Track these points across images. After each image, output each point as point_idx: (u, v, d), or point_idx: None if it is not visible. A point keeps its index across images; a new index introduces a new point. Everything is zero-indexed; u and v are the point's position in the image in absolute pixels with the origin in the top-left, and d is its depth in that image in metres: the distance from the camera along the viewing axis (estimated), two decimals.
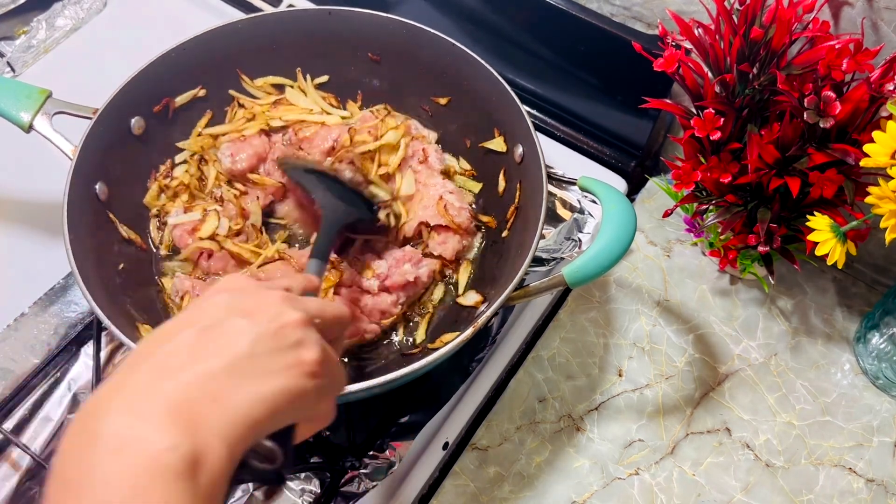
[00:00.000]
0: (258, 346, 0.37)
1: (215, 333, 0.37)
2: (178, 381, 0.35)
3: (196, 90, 0.79)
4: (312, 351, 0.39)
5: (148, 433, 0.32)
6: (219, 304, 0.40)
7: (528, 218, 0.71)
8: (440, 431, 0.71)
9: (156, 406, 0.33)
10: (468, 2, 0.88)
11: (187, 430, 0.33)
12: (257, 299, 0.40)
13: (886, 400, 0.75)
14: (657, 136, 0.86)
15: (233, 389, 0.35)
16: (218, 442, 0.33)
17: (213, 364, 0.36)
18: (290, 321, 0.40)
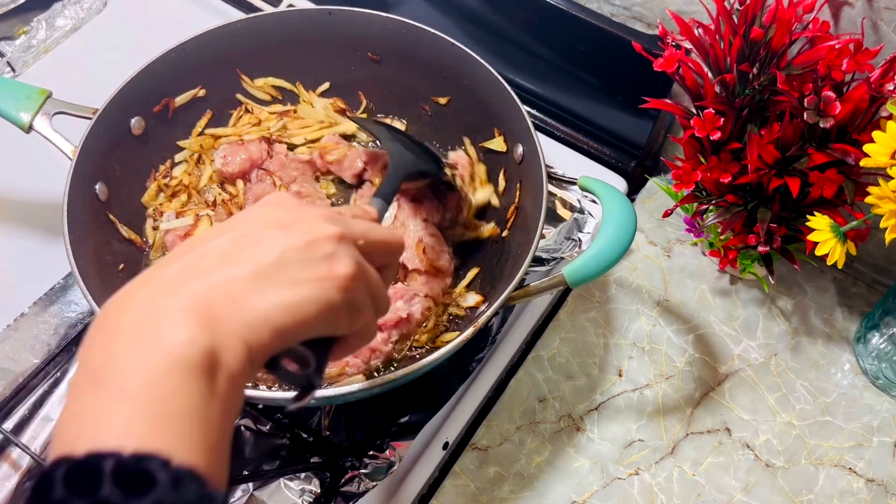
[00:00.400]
0: (287, 256, 0.38)
1: (247, 242, 0.38)
2: (203, 282, 0.35)
3: (196, 90, 0.79)
4: (345, 265, 0.39)
5: (167, 326, 0.33)
6: (258, 216, 0.40)
7: (528, 217, 0.71)
8: (440, 431, 0.71)
9: (178, 303, 0.34)
10: (468, 2, 0.88)
11: (206, 327, 0.33)
12: (298, 214, 0.40)
13: (886, 400, 0.75)
14: (657, 136, 0.86)
15: (255, 294, 0.36)
16: (237, 342, 0.34)
17: (239, 270, 0.36)
18: (325, 234, 0.39)
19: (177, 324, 0.33)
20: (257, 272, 0.36)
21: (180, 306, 0.34)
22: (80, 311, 0.76)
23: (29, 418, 0.70)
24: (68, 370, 0.73)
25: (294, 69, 0.83)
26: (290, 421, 0.71)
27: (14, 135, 0.70)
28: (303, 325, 0.37)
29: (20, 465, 0.68)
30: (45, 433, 0.70)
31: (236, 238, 0.38)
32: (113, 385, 0.31)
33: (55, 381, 0.72)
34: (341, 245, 0.40)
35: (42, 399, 0.71)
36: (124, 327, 0.33)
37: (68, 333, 0.74)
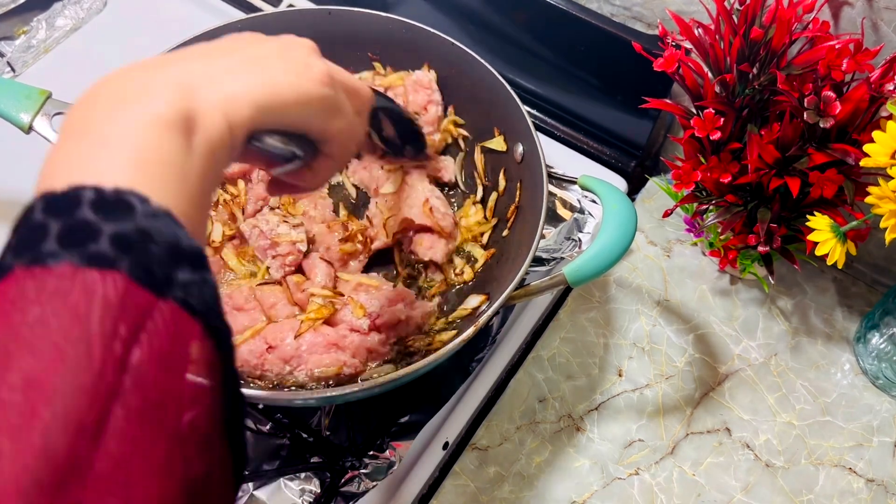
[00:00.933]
0: (269, 51, 0.41)
1: (229, 42, 0.41)
2: (185, 65, 0.37)
3: None
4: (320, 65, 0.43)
5: (149, 92, 0.35)
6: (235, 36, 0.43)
7: (528, 217, 0.71)
8: (440, 431, 0.71)
9: (160, 78, 0.36)
10: (468, 2, 0.88)
11: (184, 95, 0.35)
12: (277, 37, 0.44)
13: (886, 400, 0.75)
14: (657, 136, 0.86)
15: (233, 74, 0.38)
16: (214, 111, 0.36)
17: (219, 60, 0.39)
18: (301, 43, 0.43)
19: (157, 90, 0.35)
20: (237, 61, 0.39)
21: (163, 79, 0.36)
22: None
23: None
24: None
25: None
26: (290, 421, 0.71)
27: (14, 136, 0.70)
28: (281, 105, 0.40)
29: None
30: None
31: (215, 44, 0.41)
32: (95, 134, 0.33)
33: None
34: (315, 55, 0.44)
35: None
36: (110, 92, 0.35)
37: None
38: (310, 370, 0.64)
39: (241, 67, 0.39)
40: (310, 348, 0.65)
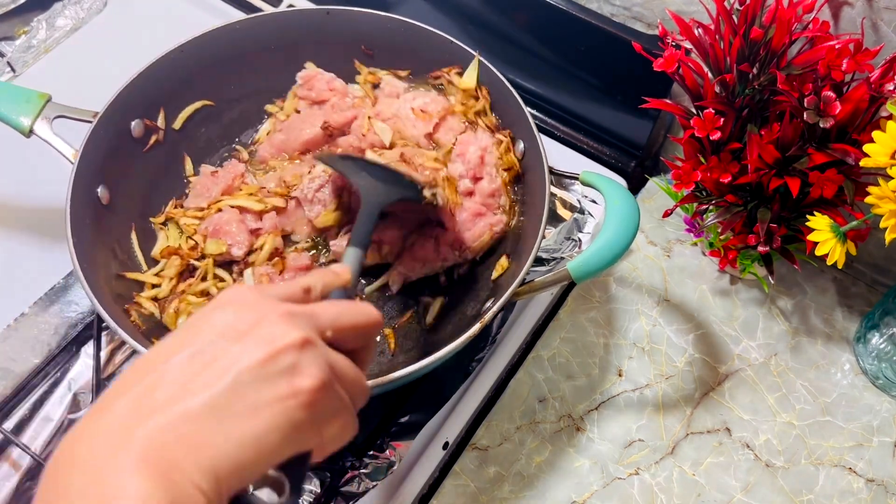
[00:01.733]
0: (244, 377, 0.34)
1: (201, 362, 0.34)
2: (154, 424, 0.32)
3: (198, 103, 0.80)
4: (308, 377, 0.35)
5: (117, 490, 0.30)
6: (213, 325, 0.36)
7: (529, 216, 0.71)
8: (440, 431, 0.71)
9: (128, 455, 0.31)
10: (468, 2, 0.88)
11: (159, 485, 0.30)
12: (256, 316, 0.36)
13: (886, 400, 0.75)
14: (657, 136, 0.86)
15: (211, 432, 0.32)
16: (196, 493, 0.31)
17: (192, 403, 0.33)
18: (286, 344, 0.35)
19: (129, 484, 0.30)
20: (213, 403, 0.33)
21: (130, 461, 0.30)
22: (81, 310, 0.76)
23: (29, 418, 0.70)
24: (69, 370, 0.73)
25: (295, 69, 0.83)
26: None
27: (15, 139, 0.70)
28: (267, 457, 0.34)
29: (20, 465, 0.68)
30: (45, 433, 0.70)
31: (189, 357, 0.34)
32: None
33: (55, 381, 0.72)
34: (304, 352, 0.36)
35: (42, 399, 0.71)
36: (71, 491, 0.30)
37: (69, 333, 0.74)
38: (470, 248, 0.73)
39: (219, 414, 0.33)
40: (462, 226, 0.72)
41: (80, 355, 0.74)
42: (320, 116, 0.80)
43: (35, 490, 0.64)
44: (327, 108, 0.80)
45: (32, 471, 0.68)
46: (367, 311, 0.42)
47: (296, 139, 0.80)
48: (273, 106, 0.84)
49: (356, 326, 0.40)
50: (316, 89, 0.81)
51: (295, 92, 0.83)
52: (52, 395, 0.72)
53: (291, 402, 0.34)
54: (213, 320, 0.36)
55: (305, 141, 0.79)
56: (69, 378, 0.72)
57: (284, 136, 0.80)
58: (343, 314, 0.40)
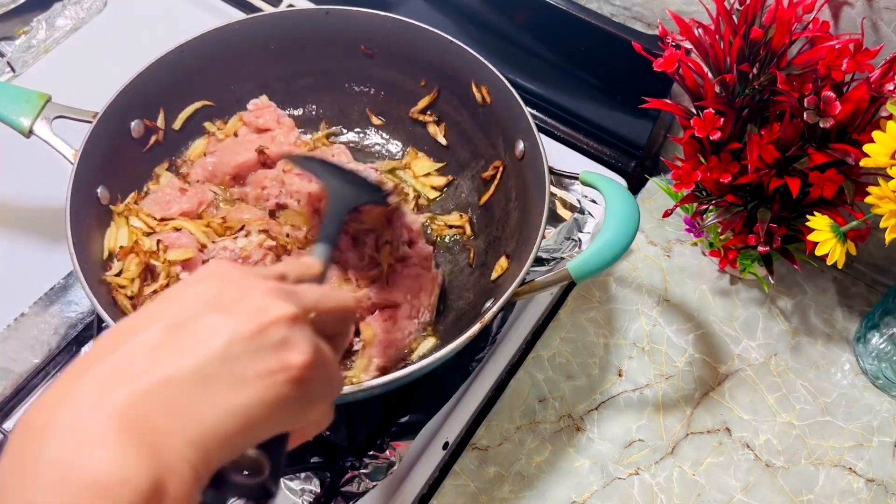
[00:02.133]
0: (233, 348, 0.32)
1: (185, 331, 0.32)
2: (134, 389, 0.30)
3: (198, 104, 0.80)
4: (300, 353, 0.34)
5: (95, 460, 0.27)
6: (195, 295, 0.34)
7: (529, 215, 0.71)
8: (440, 431, 0.71)
9: (106, 423, 0.28)
10: (468, 2, 0.88)
11: (142, 454, 0.28)
12: (241, 289, 0.35)
13: (886, 400, 0.75)
14: (657, 136, 0.86)
15: (198, 400, 0.30)
16: (181, 464, 0.29)
17: (176, 369, 0.31)
18: (276, 316, 0.34)
19: (106, 457, 0.27)
20: (198, 372, 0.31)
21: (109, 430, 0.28)
22: (81, 311, 0.76)
23: None
24: None
25: (294, 69, 0.83)
26: None
27: (15, 139, 0.70)
28: (253, 429, 0.32)
29: None
30: None
31: (171, 326, 0.32)
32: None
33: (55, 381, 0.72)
34: (295, 327, 0.35)
35: None
36: (43, 462, 0.27)
37: (69, 333, 0.74)
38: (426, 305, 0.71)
39: (207, 382, 0.31)
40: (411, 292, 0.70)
41: (80, 355, 0.74)
42: (257, 143, 0.78)
43: None
44: (267, 136, 0.79)
45: None
46: (347, 297, 0.42)
47: (228, 163, 0.77)
48: (211, 124, 0.82)
49: (337, 310, 0.40)
50: (263, 118, 0.80)
51: (241, 116, 0.81)
52: None
53: (281, 377, 0.33)
54: (194, 291, 0.35)
55: (238, 164, 0.77)
56: None
57: (217, 159, 0.78)
58: (325, 297, 0.39)
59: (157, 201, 0.75)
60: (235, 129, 0.81)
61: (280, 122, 0.81)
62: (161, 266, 0.69)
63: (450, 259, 0.79)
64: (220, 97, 0.81)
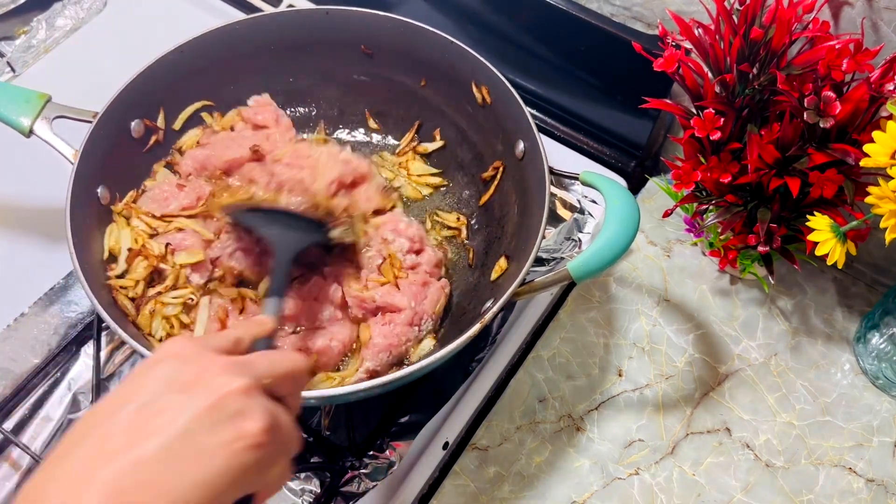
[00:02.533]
0: (194, 424, 0.36)
1: (150, 412, 0.36)
2: (113, 469, 0.34)
3: (199, 104, 0.80)
4: (255, 421, 0.37)
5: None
6: (157, 377, 0.38)
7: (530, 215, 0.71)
8: (440, 431, 0.71)
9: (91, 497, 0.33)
10: (468, 2, 0.88)
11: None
12: (198, 368, 0.38)
13: (886, 400, 0.75)
14: (657, 136, 0.86)
15: (165, 476, 0.34)
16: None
17: (146, 448, 0.34)
18: (230, 390, 0.37)
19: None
20: (164, 449, 0.35)
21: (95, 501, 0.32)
22: (81, 311, 0.76)
23: (29, 418, 0.70)
24: (68, 370, 0.73)
25: (293, 69, 0.83)
26: None
27: (15, 139, 0.70)
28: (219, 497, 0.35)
29: (20, 465, 0.68)
30: (45, 433, 0.70)
31: (139, 408, 0.36)
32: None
33: (55, 381, 0.72)
34: (249, 398, 0.38)
35: (42, 399, 0.71)
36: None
37: (68, 333, 0.74)
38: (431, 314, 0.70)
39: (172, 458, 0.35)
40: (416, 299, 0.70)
41: (80, 355, 0.74)
42: (252, 140, 0.78)
43: None
44: (262, 135, 0.79)
45: (32, 471, 0.68)
46: (297, 359, 0.44)
47: (220, 157, 0.77)
48: (209, 115, 0.81)
49: (289, 374, 0.43)
50: (262, 115, 0.80)
51: (240, 111, 0.81)
52: (52, 396, 0.72)
53: (239, 445, 0.36)
54: (156, 373, 0.38)
55: (229, 160, 0.77)
56: (69, 378, 0.72)
57: (209, 151, 0.78)
58: (277, 362, 0.42)
59: (154, 199, 0.74)
60: (232, 122, 0.81)
61: (278, 121, 0.81)
62: (171, 270, 0.70)
63: (449, 258, 0.79)
64: (220, 97, 0.81)
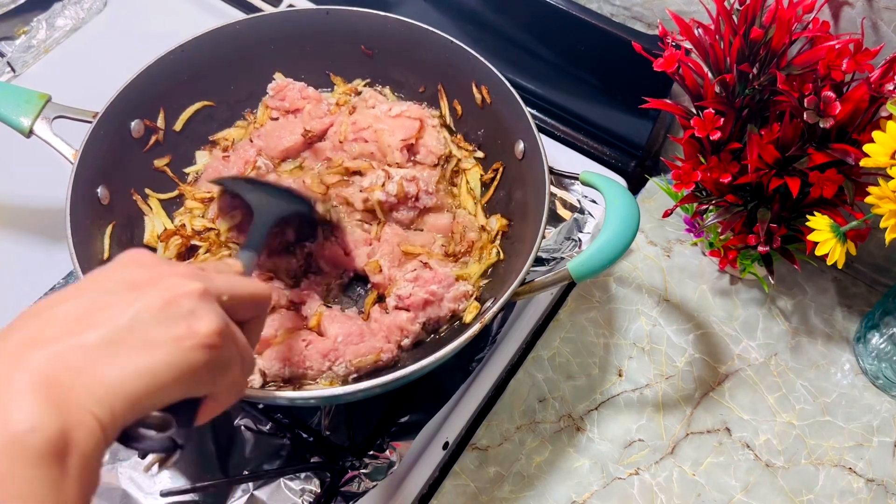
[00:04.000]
0: (142, 316, 0.35)
1: (98, 305, 0.35)
2: (49, 351, 0.33)
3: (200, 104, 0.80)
4: (207, 322, 0.37)
5: (11, 409, 0.30)
6: (109, 277, 0.37)
7: (530, 215, 0.71)
8: (440, 431, 0.71)
9: (21, 379, 0.31)
10: (467, 2, 0.88)
11: (53, 408, 0.31)
12: (154, 272, 0.38)
13: (886, 400, 0.75)
14: (657, 136, 0.86)
15: (105, 362, 0.33)
16: (89, 419, 0.32)
17: (88, 336, 0.34)
18: (185, 291, 0.37)
19: (21, 406, 0.30)
20: (108, 338, 0.34)
21: (23, 385, 0.31)
22: None
23: None
24: None
25: (294, 69, 0.83)
26: (290, 421, 0.71)
27: (15, 139, 0.70)
28: (160, 390, 0.34)
29: None
30: None
31: (85, 302, 0.35)
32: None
33: None
34: (203, 301, 0.38)
35: None
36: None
37: None
38: (348, 361, 0.66)
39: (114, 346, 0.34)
40: (345, 340, 0.67)
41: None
42: (298, 124, 0.80)
43: None
44: (304, 115, 0.81)
45: None
46: (260, 285, 0.44)
47: (275, 147, 0.80)
48: (251, 114, 0.84)
49: (250, 296, 0.42)
50: (289, 99, 0.81)
51: (266, 102, 0.83)
52: None
53: (187, 343, 0.36)
54: (109, 274, 0.38)
55: (285, 148, 0.80)
56: None
57: (263, 143, 0.80)
58: (236, 282, 0.42)
59: (208, 177, 0.78)
60: (268, 115, 0.83)
61: (304, 95, 0.82)
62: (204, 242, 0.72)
63: None
64: (221, 97, 0.81)
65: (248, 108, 0.84)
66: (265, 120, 0.82)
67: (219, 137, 0.82)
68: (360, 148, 0.78)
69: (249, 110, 0.84)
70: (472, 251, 0.76)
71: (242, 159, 0.79)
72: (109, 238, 0.70)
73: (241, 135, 0.83)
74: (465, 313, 0.71)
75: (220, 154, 0.80)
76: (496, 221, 0.76)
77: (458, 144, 0.81)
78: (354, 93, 0.84)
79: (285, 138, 0.80)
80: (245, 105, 0.83)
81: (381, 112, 0.80)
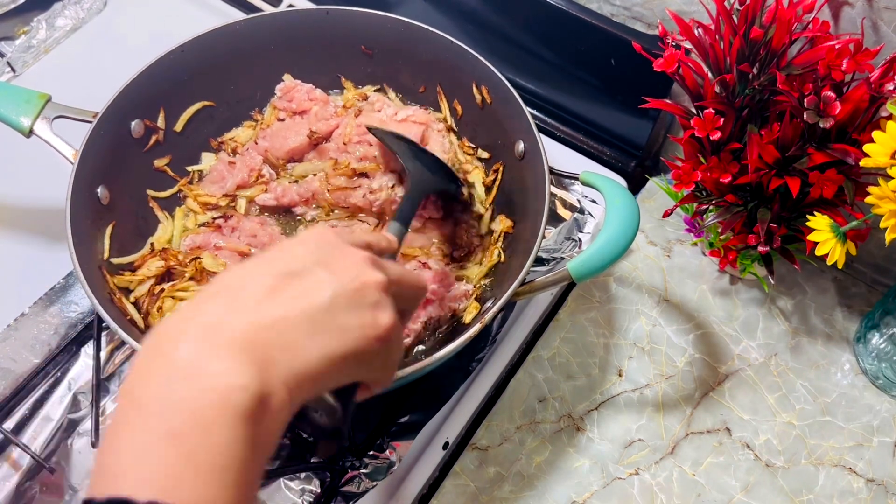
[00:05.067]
0: (337, 301, 0.37)
1: (297, 280, 0.37)
2: (254, 318, 0.34)
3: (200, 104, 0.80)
4: (388, 315, 0.39)
5: (221, 367, 0.32)
6: (305, 253, 0.39)
7: (530, 215, 0.71)
8: (440, 431, 0.71)
9: (230, 339, 0.33)
10: (467, 2, 0.88)
11: (259, 372, 0.33)
12: (343, 255, 0.40)
13: (886, 400, 0.75)
14: (657, 136, 0.86)
15: (306, 340, 0.35)
16: (282, 388, 0.33)
17: (290, 310, 0.35)
18: (372, 281, 0.39)
19: (230, 366, 0.32)
20: (308, 316, 0.36)
21: (232, 345, 0.33)
22: (81, 311, 0.76)
23: (29, 418, 0.70)
24: (69, 370, 0.73)
25: (294, 69, 0.83)
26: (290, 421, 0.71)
27: (15, 139, 0.70)
28: (339, 374, 0.37)
29: (20, 465, 0.68)
30: (45, 433, 0.70)
31: (285, 274, 0.37)
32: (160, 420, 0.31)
33: (55, 381, 0.72)
34: (384, 294, 0.40)
35: (42, 399, 0.71)
36: (176, 361, 0.32)
37: (68, 333, 0.74)
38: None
39: (315, 326, 0.36)
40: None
41: (80, 355, 0.74)
42: (304, 125, 0.81)
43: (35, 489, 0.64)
44: (311, 117, 0.81)
45: (32, 471, 0.68)
46: (422, 278, 0.47)
47: (280, 147, 0.80)
48: (259, 114, 0.85)
49: (412, 288, 0.45)
50: (296, 100, 0.82)
51: (274, 104, 0.83)
52: (52, 395, 0.72)
53: (371, 332, 0.38)
54: (303, 249, 0.40)
55: (291, 149, 0.80)
56: (69, 378, 0.72)
57: (269, 143, 0.81)
58: (406, 273, 0.44)
59: (213, 180, 0.79)
60: (275, 116, 0.83)
61: (312, 97, 0.82)
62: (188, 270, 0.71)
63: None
64: (221, 97, 0.81)
65: (248, 107, 0.84)
66: (272, 121, 0.83)
67: (226, 139, 0.82)
68: (365, 150, 0.79)
69: (257, 110, 0.84)
70: (473, 254, 0.76)
71: (248, 166, 0.79)
72: (109, 238, 0.70)
73: (249, 136, 0.83)
74: (464, 313, 0.71)
75: (226, 158, 0.80)
76: (500, 223, 0.76)
77: (461, 148, 0.81)
78: (363, 98, 0.84)
79: (291, 139, 0.80)
80: (245, 105, 0.83)
81: (387, 116, 0.80)
